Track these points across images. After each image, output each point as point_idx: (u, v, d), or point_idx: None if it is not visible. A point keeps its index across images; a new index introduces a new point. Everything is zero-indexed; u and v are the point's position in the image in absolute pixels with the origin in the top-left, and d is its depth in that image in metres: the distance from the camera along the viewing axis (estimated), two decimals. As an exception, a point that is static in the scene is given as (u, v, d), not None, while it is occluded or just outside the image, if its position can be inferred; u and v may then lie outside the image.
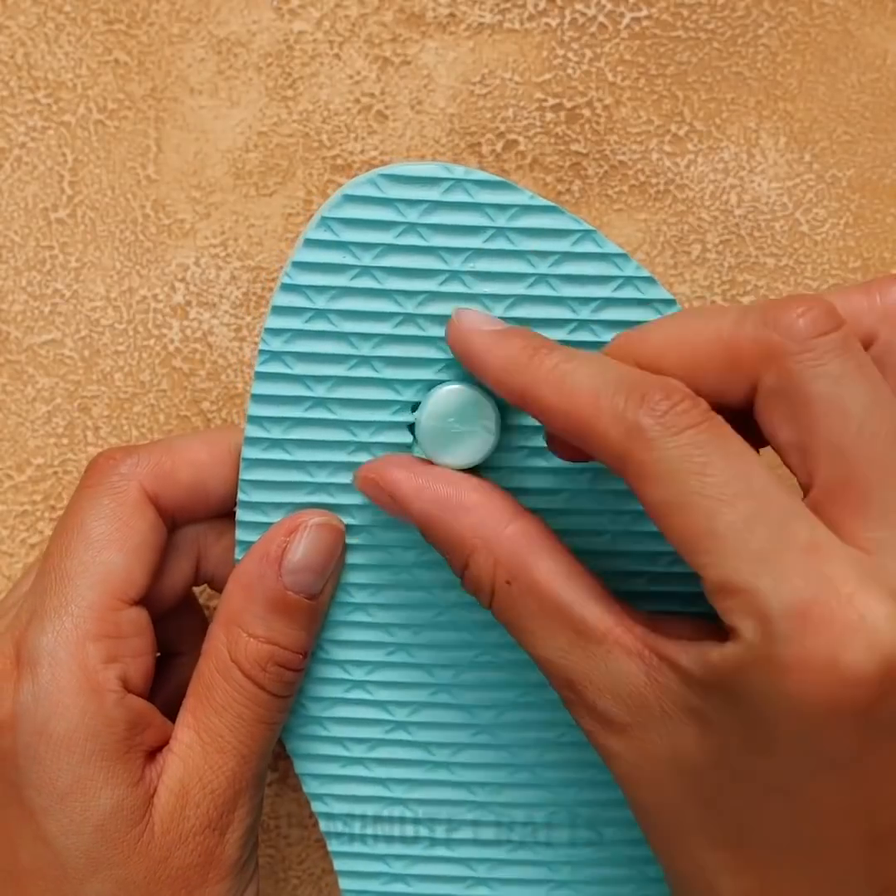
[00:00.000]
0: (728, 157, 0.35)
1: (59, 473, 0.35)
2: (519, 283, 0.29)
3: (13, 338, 0.35)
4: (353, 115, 0.35)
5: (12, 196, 0.35)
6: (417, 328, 0.29)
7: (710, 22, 0.35)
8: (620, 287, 0.29)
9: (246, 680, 0.28)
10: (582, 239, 0.29)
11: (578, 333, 0.29)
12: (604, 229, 0.35)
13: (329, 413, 0.29)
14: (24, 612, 0.28)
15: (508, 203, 0.29)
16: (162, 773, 0.28)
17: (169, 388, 0.35)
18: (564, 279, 0.29)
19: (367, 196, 0.29)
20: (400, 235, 0.29)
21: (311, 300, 0.29)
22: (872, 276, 0.35)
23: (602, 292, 0.29)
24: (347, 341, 0.29)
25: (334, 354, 0.29)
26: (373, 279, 0.29)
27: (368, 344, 0.29)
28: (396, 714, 0.31)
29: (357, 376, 0.29)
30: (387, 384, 0.29)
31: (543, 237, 0.29)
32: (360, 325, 0.29)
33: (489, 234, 0.29)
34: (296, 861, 0.36)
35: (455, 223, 0.29)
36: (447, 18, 0.35)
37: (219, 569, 0.31)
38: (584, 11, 0.35)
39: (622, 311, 0.29)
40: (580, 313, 0.29)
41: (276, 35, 0.35)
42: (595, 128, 0.35)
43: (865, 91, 0.35)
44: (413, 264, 0.29)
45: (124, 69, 0.35)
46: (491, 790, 0.31)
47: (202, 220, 0.35)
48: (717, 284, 0.35)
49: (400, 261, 0.29)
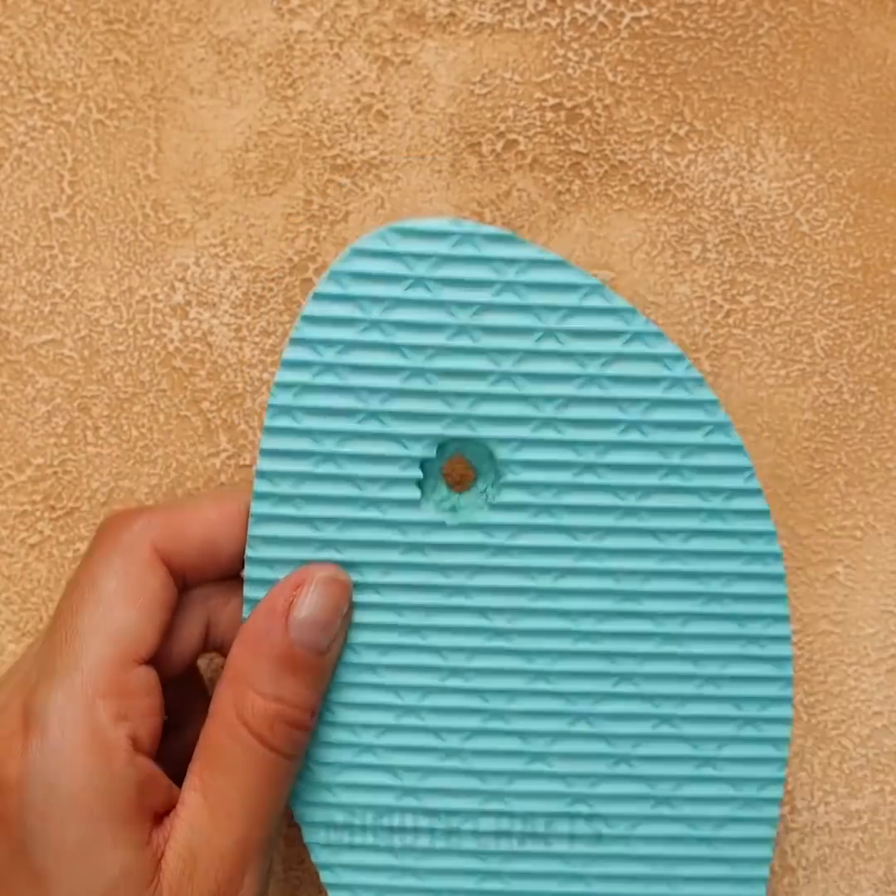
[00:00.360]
0: (728, 156, 0.35)
1: (59, 473, 0.35)
2: (527, 338, 0.29)
3: (13, 337, 0.35)
4: (353, 114, 0.35)
5: (12, 196, 0.35)
6: (426, 382, 0.29)
7: (711, 22, 0.35)
8: (629, 342, 0.30)
9: (253, 739, 0.28)
10: (590, 294, 0.29)
11: (587, 388, 0.30)
12: (604, 229, 0.35)
13: (337, 468, 0.29)
14: (33, 671, 0.28)
15: (516, 257, 0.29)
16: (169, 837, 0.28)
17: (169, 387, 0.35)
18: (572, 333, 0.29)
19: (376, 250, 0.29)
20: (408, 289, 0.29)
21: (320, 354, 0.29)
22: (873, 276, 0.35)
23: (610, 347, 0.30)
24: (356, 395, 0.29)
25: (343, 409, 0.29)
26: (381, 333, 0.29)
27: (377, 398, 0.29)
28: (406, 779, 0.30)
29: (365, 431, 0.29)
30: (395, 439, 0.29)
31: (551, 291, 0.29)
32: (368, 378, 0.29)
33: (497, 288, 0.29)
34: (296, 861, 0.36)
35: (463, 277, 0.29)
36: (447, 18, 0.35)
37: (228, 635, 0.30)
38: (584, 11, 0.35)
39: (631, 366, 0.30)
40: (588, 368, 0.30)
41: (276, 35, 0.35)
42: (595, 127, 0.35)
43: (866, 91, 0.35)
44: (421, 318, 0.29)
45: (124, 69, 0.35)
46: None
47: (202, 219, 0.35)
48: (718, 284, 0.35)
49: (408, 314, 0.29)
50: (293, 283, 0.35)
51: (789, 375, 0.35)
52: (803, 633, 0.35)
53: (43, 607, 0.35)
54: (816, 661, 0.35)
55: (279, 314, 0.35)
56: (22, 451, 0.35)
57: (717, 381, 0.35)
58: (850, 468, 0.35)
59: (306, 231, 0.35)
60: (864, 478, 0.35)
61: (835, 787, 0.35)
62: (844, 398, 0.35)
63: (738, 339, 0.35)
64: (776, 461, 0.35)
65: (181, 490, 0.35)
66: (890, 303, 0.35)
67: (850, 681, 0.35)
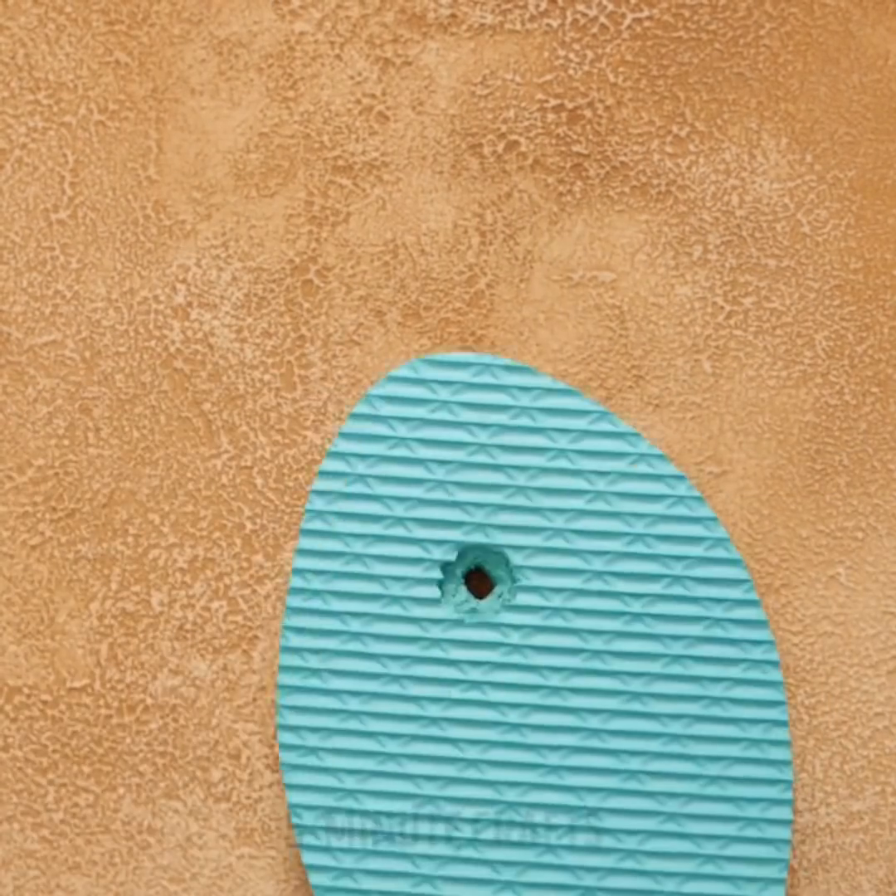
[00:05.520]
0: (729, 157, 0.35)
1: (60, 475, 0.35)
2: (540, 456, 0.33)
3: (14, 339, 0.35)
4: (355, 115, 0.35)
5: (13, 197, 0.35)
6: (447, 493, 0.32)
7: (712, 23, 0.35)
8: (634, 462, 0.32)
9: None
10: (598, 419, 0.33)
11: (595, 503, 0.32)
12: (605, 230, 0.35)
13: (365, 567, 0.32)
14: None
15: (531, 385, 0.33)
16: None
17: (170, 389, 0.35)
18: (582, 454, 0.32)
19: (406, 377, 0.33)
20: (433, 411, 0.33)
21: (353, 466, 0.33)
22: (874, 277, 0.35)
23: (617, 466, 0.33)
24: (383, 503, 0.32)
25: (371, 515, 0.32)
26: (408, 449, 0.33)
27: (402, 506, 0.32)
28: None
29: (391, 535, 0.32)
30: (418, 543, 0.32)
31: (563, 416, 0.33)
32: (394, 489, 0.32)
33: (514, 413, 0.33)
34: (296, 861, 0.36)
35: (483, 402, 0.33)
36: (448, 19, 0.35)
37: None
38: (585, 12, 0.35)
39: (636, 484, 0.32)
40: (597, 485, 0.33)
41: (278, 36, 0.35)
42: (596, 129, 0.35)
43: (867, 92, 0.35)
44: (444, 437, 0.33)
45: (125, 70, 0.35)
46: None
47: (203, 220, 0.35)
48: (719, 286, 0.35)
49: (433, 433, 0.33)
50: (294, 284, 0.35)
51: (790, 377, 0.35)
52: (804, 635, 0.35)
53: (44, 609, 0.35)
54: (818, 663, 0.35)
55: (280, 315, 0.35)
56: (23, 452, 0.35)
57: (718, 383, 0.35)
58: (851, 469, 0.35)
59: (307, 232, 0.35)
60: (866, 479, 0.35)
61: (836, 788, 0.35)
62: (846, 399, 0.35)
63: (740, 340, 0.35)
64: (777, 462, 0.35)
65: (182, 491, 0.35)
66: (891, 304, 0.35)
67: (852, 682, 0.35)
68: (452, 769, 0.32)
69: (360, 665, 0.33)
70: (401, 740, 0.32)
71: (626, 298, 0.35)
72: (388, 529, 0.32)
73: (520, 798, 0.32)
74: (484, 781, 0.32)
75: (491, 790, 0.32)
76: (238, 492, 0.35)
